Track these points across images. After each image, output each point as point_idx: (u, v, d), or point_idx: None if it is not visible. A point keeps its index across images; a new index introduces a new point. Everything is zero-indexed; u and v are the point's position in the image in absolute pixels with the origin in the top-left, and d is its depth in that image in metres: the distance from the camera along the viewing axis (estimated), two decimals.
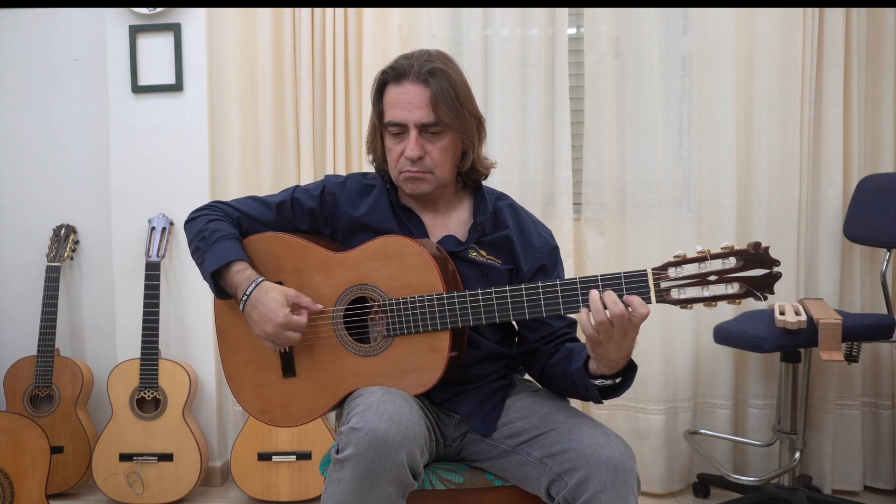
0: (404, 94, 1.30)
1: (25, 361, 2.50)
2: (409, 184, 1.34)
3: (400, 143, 1.32)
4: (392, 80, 1.32)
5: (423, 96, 1.29)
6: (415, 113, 1.29)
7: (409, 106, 1.29)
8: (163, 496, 2.37)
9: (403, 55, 1.35)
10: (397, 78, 1.31)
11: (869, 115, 2.37)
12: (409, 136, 1.30)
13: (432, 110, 1.29)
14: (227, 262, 1.32)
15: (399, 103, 1.30)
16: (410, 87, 1.29)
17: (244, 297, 1.29)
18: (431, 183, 1.34)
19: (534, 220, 1.45)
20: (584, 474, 1.13)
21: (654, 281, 1.12)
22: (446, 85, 1.29)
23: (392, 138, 1.33)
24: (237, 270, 1.31)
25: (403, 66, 1.31)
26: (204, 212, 1.43)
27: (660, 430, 2.38)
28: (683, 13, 2.41)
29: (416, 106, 1.29)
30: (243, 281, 1.30)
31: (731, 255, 1.10)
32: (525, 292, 1.20)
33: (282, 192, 1.46)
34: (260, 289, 1.28)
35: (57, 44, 2.63)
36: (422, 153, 1.30)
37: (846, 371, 2.37)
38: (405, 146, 1.31)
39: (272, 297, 1.27)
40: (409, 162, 1.31)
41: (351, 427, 1.11)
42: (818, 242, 2.38)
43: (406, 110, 1.30)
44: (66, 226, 2.62)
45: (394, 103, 1.31)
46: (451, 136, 1.33)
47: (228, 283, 1.33)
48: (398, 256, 1.28)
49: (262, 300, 1.27)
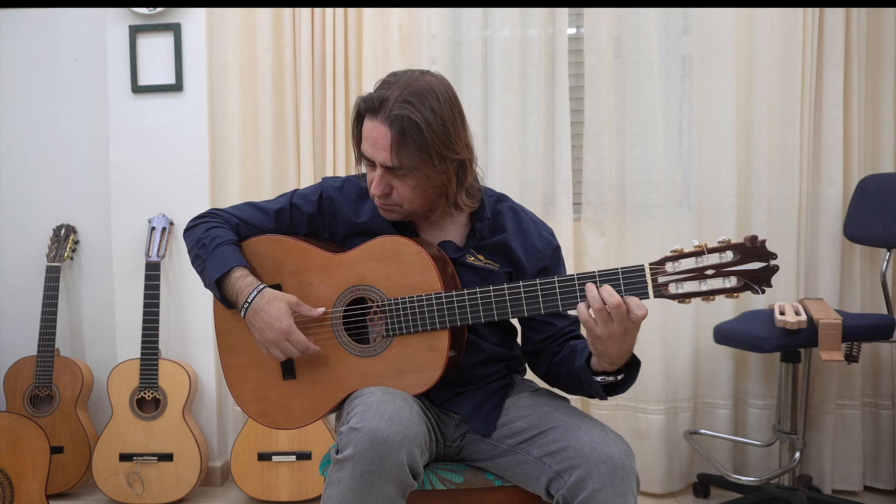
0: (372, 131, 1.25)
1: (25, 361, 2.50)
2: (381, 211, 1.34)
3: (371, 171, 1.30)
4: (366, 112, 1.26)
5: (385, 138, 1.23)
6: (379, 154, 1.25)
7: (376, 146, 1.25)
8: (163, 496, 2.37)
9: (392, 75, 1.29)
10: (370, 112, 1.25)
11: (869, 115, 2.37)
12: (376, 172, 1.28)
13: (394, 155, 1.23)
14: (227, 270, 1.32)
15: (367, 139, 1.26)
16: (377, 126, 1.23)
17: (246, 304, 1.29)
18: (401, 213, 1.33)
19: (535, 220, 1.44)
20: (583, 473, 1.13)
21: (652, 276, 1.12)
22: (413, 130, 1.21)
23: (367, 165, 1.32)
24: (238, 277, 1.31)
25: (380, 97, 1.24)
26: (202, 220, 1.43)
27: (660, 430, 2.38)
28: (683, 13, 2.41)
29: (380, 147, 1.24)
30: (244, 288, 1.30)
31: (728, 249, 1.10)
32: (523, 290, 1.20)
33: (279, 198, 1.46)
34: (262, 296, 1.28)
35: (57, 44, 2.64)
36: (388, 190, 1.28)
37: (846, 371, 2.37)
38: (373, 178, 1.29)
39: (275, 305, 1.27)
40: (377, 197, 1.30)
41: (351, 427, 1.11)
42: (818, 242, 2.38)
43: (373, 148, 1.26)
44: (66, 226, 2.62)
45: (364, 136, 1.27)
46: (419, 175, 1.26)
47: (229, 290, 1.33)
48: (396, 256, 1.28)
49: (264, 308, 1.27)
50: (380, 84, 1.28)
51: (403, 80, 1.25)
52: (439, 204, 1.33)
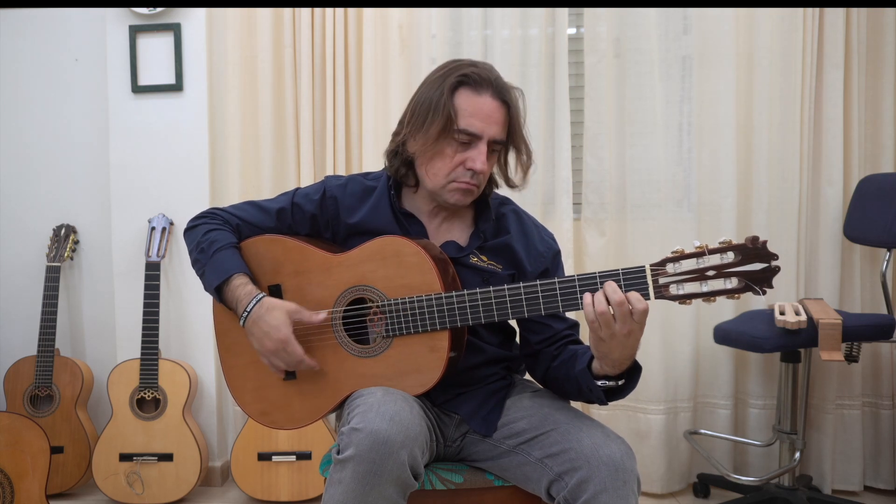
0: (485, 105, 1.26)
1: (25, 361, 2.50)
2: (457, 194, 1.32)
3: (463, 152, 1.28)
4: (472, 85, 1.27)
5: (500, 112, 1.28)
6: (492, 128, 1.27)
7: (489, 119, 1.27)
8: (163, 496, 2.37)
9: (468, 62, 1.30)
10: (478, 86, 1.27)
11: (869, 115, 2.37)
12: (478, 148, 1.28)
13: (506, 129, 1.29)
14: (226, 278, 1.31)
15: (478, 113, 1.26)
16: (490, 101, 1.27)
17: (245, 313, 1.28)
18: (475, 196, 1.35)
19: (537, 224, 1.44)
20: (584, 474, 1.13)
21: (653, 277, 1.11)
22: (519, 107, 1.30)
23: (455, 145, 1.29)
24: (237, 285, 1.31)
25: (480, 74, 1.27)
26: (202, 220, 1.41)
27: (660, 430, 2.38)
28: (683, 13, 2.41)
29: (494, 121, 1.27)
30: (243, 297, 1.29)
31: (730, 250, 1.09)
32: (523, 291, 1.19)
33: (281, 197, 1.44)
34: (261, 305, 1.27)
35: (57, 44, 2.63)
36: (488, 168, 1.30)
37: (846, 371, 2.37)
38: (469, 157, 1.28)
39: (275, 314, 1.26)
40: (470, 174, 1.29)
41: (352, 427, 1.11)
42: (818, 242, 2.38)
43: (485, 123, 1.27)
44: (66, 226, 2.62)
45: (472, 111, 1.26)
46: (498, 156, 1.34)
47: (228, 297, 1.32)
48: (396, 257, 1.28)
49: (263, 317, 1.26)
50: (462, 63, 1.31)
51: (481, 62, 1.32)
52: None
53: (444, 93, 1.26)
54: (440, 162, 1.30)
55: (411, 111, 1.32)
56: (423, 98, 1.30)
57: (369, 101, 2.44)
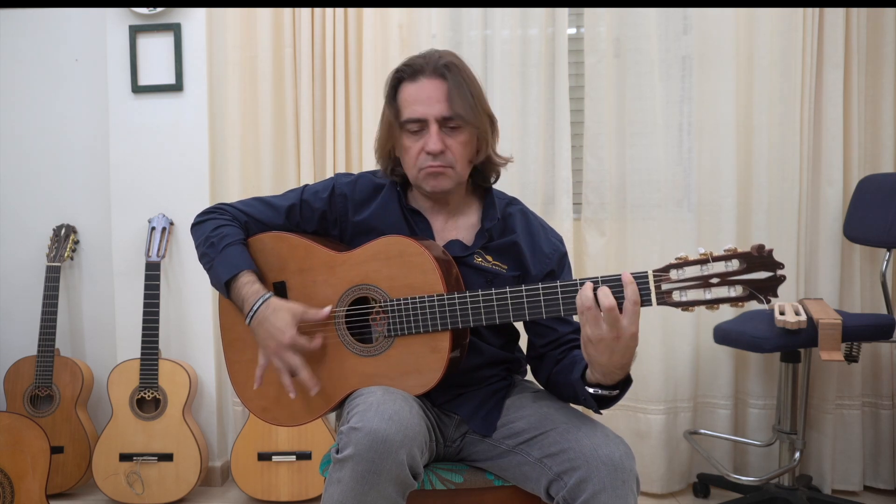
0: (422, 89, 1.29)
1: (25, 361, 2.50)
2: (430, 180, 1.32)
3: (419, 139, 1.31)
4: (408, 77, 1.31)
5: (440, 90, 1.29)
6: (434, 107, 1.29)
7: (429, 101, 1.29)
8: (163, 496, 2.37)
9: (415, 56, 1.34)
10: (413, 75, 1.31)
11: (869, 115, 2.37)
12: (430, 130, 1.29)
13: (449, 104, 1.28)
14: (235, 274, 1.32)
15: (417, 99, 1.29)
16: (427, 83, 1.29)
17: (251, 312, 1.29)
18: (452, 178, 1.33)
19: (544, 225, 1.44)
20: (583, 474, 1.13)
21: (655, 283, 1.10)
22: (461, 79, 1.29)
23: (410, 136, 1.32)
24: (245, 283, 1.31)
25: (418, 63, 1.31)
26: (211, 216, 1.42)
27: (660, 430, 2.38)
28: (683, 13, 2.41)
29: (435, 100, 1.28)
30: (250, 296, 1.30)
31: (734, 258, 1.08)
32: (525, 293, 1.19)
33: (290, 194, 1.45)
34: (267, 305, 1.28)
35: (57, 44, 2.64)
36: (443, 147, 1.29)
37: (846, 371, 2.37)
38: (425, 142, 1.29)
39: (280, 315, 1.26)
40: (431, 157, 1.30)
41: (351, 427, 1.11)
42: (818, 242, 2.38)
43: (425, 105, 1.29)
44: (66, 226, 2.62)
45: (412, 99, 1.30)
46: (468, 131, 1.32)
47: (235, 294, 1.33)
48: (400, 257, 1.28)
49: (269, 318, 1.27)
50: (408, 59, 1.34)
51: (428, 52, 1.34)
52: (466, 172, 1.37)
53: (387, 96, 1.35)
54: (406, 156, 1.34)
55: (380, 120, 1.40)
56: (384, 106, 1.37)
57: (369, 101, 2.44)
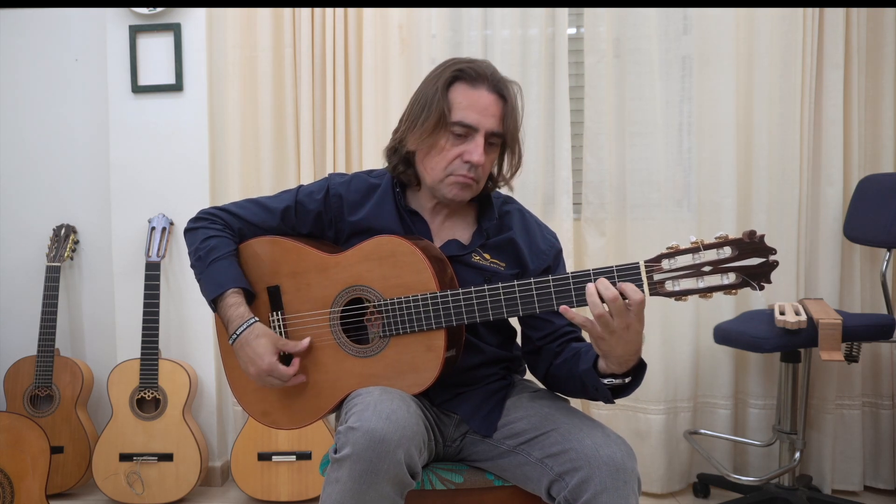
0: (481, 98, 1.28)
1: (25, 361, 2.50)
2: (455, 188, 1.32)
3: (460, 145, 1.29)
4: (468, 80, 1.30)
5: (497, 105, 1.29)
6: (489, 120, 1.28)
7: (485, 112, 1.28)
8: (163, 496, 2.37)
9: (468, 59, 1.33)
10: (474, 80, 1.29)
11: (869, 115, 2.37)
12: (475, 140, 1.28)
13: (502, 122, 1.30)
14: (220, 293, 1.33)
15: (474, 106, 1.28)
16: (487, 94, 1.29)
17: (234, 335, 1.30)
18: (474, 191, 1.34)
19: (539, 223, 1.45)
20: (584, 475, 1.13)
21: (648, 273, 1.10)
22: (514, 105, 1.31)
23: (451, 138, 1.30)
24: (230, 304, 1.32)
25: (479, 68, 1.30)
26: (202, 223, 1.41)
27: (660, 430, 2.38)
28: (683, 13, 2.41)
29: (490, 114, 1.28)
30: (235, 318, 1.31)
31: (726, 245, 1.07)
32: (518, 289, 1.19)
33: (284, 195, 1.44)
34: (250, 331, 1.29)
35: (57, 44, 2.63)
36: (483, 161, 1.29)
37: (846, 371, 2.37)
38: (466, 149, 1.29)
39: (261, 342, 1.29)
40: (468, 167, 1.29)
41: (348, 427, 1.11)
42: (818, 242, 2.38)
43: (481, 115, 1.28)
44: (66, 226, 2.62)
45: (468, 104, 1.28)
46: (498, 151, 1.35)
47: (221, 313, 1.34)
48: (391, 256, 1.28)
49: (250, 343, 1.29)
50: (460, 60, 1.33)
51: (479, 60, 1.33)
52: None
53: (440, 88, 1.29)
54: (437, 156, 1.31)
55: (409, 108, 1.35)
56: (420, 95, 1.33)
57: (369, 100, 2.44)
